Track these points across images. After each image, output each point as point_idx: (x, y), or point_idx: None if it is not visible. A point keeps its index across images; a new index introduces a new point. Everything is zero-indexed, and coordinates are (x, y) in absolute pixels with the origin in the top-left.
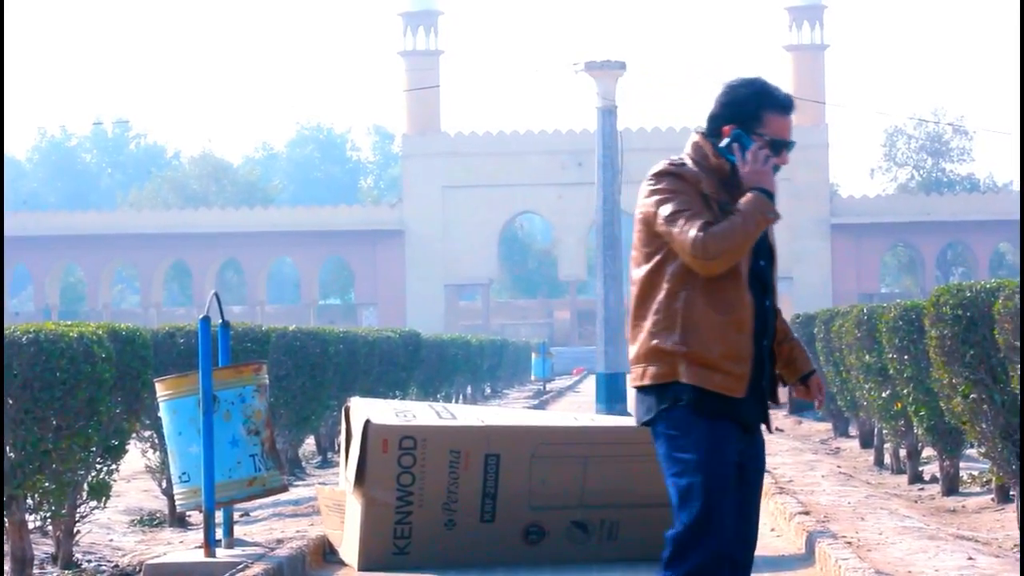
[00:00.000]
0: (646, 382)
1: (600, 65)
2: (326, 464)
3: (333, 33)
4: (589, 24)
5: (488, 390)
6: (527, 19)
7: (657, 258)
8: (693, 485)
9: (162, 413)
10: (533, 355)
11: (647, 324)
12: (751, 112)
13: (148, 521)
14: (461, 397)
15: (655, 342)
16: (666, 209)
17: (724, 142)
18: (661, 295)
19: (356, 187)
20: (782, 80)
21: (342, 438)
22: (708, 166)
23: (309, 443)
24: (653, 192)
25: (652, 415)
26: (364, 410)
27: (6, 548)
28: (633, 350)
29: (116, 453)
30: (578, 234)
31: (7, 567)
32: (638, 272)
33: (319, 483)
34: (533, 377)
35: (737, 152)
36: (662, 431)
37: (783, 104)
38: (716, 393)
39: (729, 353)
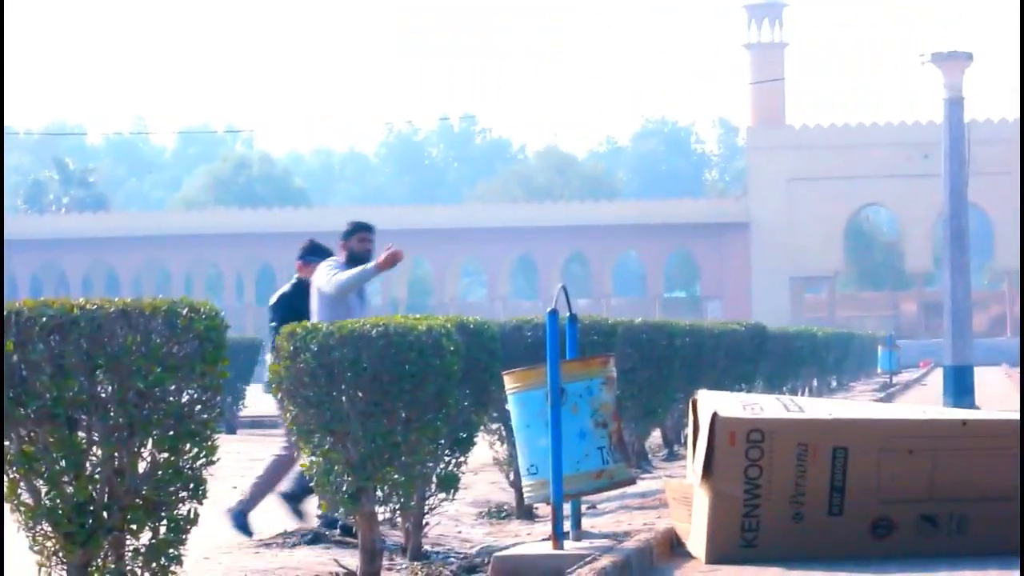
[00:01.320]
0: None
1: (947, 56)
2: (672, 457)
3: (678, 26)
4: (935, 13)
5: (834, 383)
6: (873, 9)
7: None
8: None
9: (510, 406)
10: (879, 348)
11: None
12: None
13: (495, 513)
14: (807, 390)
15: None
16: None
17: None
18: None
19: (701, 180)
20: None
21: (689, 431)
22: None
23: (655, 436)
24: None
25: None
26: (711, 403)
27: (358, 540)
28: None
29: (464, 445)
30: (924, 226)
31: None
32: None
33: (666, 476)
34: (879, 370)
35: None
36: None
37: None
38: None
39: None
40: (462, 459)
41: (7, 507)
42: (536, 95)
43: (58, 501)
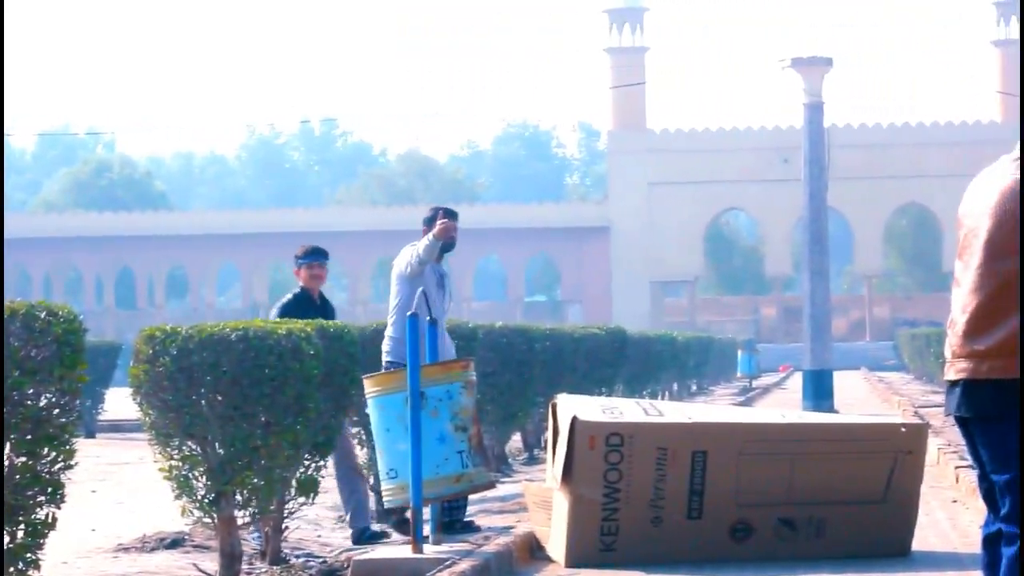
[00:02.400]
0: (1016, 375)
1: (807, 61)
2: (532, 461)
3: (539, 30)
4: (795, 19)
5: (694, 387)
6: (732, 14)
7: None
8: None
9: (370, 410)
10: (739, 352)
11: None
12: None
13: None
14: (667, 394)
15: None
16: None
17: None
18: None
19: (562, 184)
20: (990, 76)
21: (549, 435)
22: None
23: (515, 440)
24: None
25: (1009, 407)
26: (571, 407)
27: (216, 544)
28: (990, 339)
29: (324, 449)
30: (784, 230)
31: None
32: (1006, 260)
33: (526, 480)
34: (739, 374)
35: None
36: None
37: None
38: None
39: None
40: (322, 463)
41: None
42: (397, 98)
43: None
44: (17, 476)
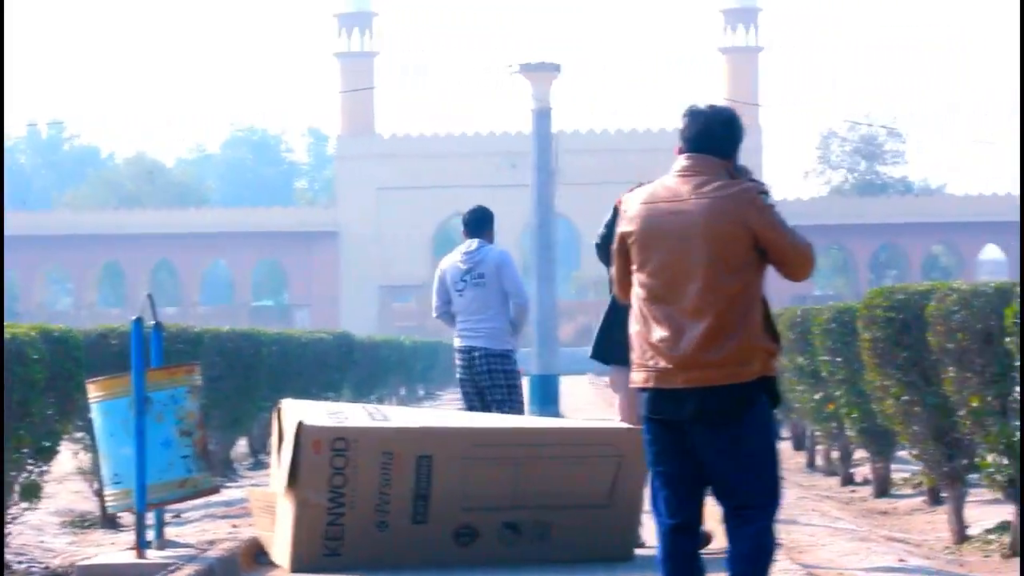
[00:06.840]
0: (748, 379)
1: (535, 67)
2: (258, 466)
3: (268, 34)
4: (524, 26)
5: (421, 392)
6: (462, 20)
7: (753, 267)
8: (778, 467)
9: (94, 415)
10: None
11: (750, 326)
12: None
13: (79, 523)
14: (394, 399)
15: (760, 342)
16: (785, 224)
17: (740, 167)
18: (756, 301)
19: (290, 189)
20: (716, 83)
21: (274, 439)
22: None
23: (241, 445)
24: (771, 207)
25: (743, 406)
26: (296, 411)
27: None
28: (724, 350)
29: (48, 454)
30: (512, 236)
31: None
32: (731, 279)
33: (251, 485)
34: None
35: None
36: (762, 421)
37: None
38: None
39: None
40: (45, 468)
41: None
42: (125, 102)
43: None
44: None
